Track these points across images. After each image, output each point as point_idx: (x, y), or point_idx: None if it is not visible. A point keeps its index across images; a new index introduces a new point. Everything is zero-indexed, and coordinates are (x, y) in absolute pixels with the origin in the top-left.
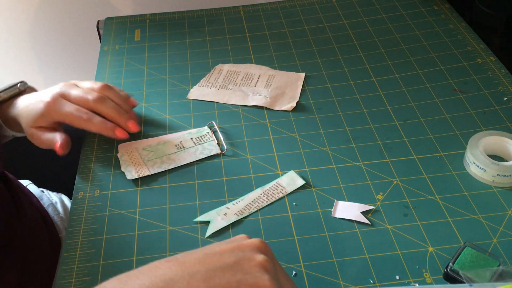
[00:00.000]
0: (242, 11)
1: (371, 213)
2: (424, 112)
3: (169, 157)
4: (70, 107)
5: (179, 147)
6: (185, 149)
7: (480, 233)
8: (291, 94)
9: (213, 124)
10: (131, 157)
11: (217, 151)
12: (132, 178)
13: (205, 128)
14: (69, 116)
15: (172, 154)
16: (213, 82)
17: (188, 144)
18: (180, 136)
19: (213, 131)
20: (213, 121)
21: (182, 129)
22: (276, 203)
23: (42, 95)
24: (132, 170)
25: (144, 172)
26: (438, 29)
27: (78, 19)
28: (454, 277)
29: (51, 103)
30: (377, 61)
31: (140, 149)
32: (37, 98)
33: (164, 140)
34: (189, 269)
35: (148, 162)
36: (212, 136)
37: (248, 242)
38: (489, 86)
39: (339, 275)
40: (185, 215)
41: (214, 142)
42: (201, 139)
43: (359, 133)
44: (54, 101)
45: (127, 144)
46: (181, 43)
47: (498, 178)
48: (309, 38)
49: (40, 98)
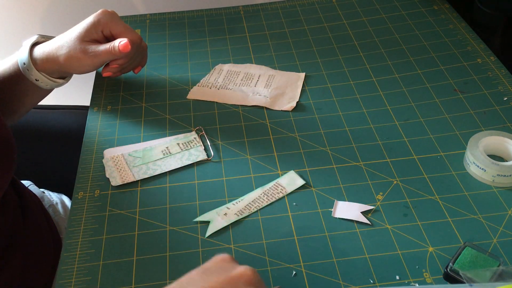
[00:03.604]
0: (242, 11)
1: (371, 213)
2: (424, 112)
3: (155, 163)
4: (122, 22)
5: (166, 152)
6: (172, 154)
7: (480, 233)
8: (291, 94)
9: (201, 130)
10: (117, 163)
11: (203, 156)
12: (116, 185)
13: (192, 133)
14: (122, 26)
15: (158, 160)
16: (213, 82)
17: (174, 150)
18: (166, 142)
19: (200, 137)
20: (201, 125)
21: (182, 129)
22: (276, 203)
23: (84, 20)
24: (117, 177)
25: (129, 178)
26: (438, 29)
27: (78, 19)
28: (454, 277)
29: (101, 13)
30: (377, 61)
31: (126, 155)
32: (80, 24)
33: (151, 146)
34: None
35: (133, 168)
36: (199, 141)
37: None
38: (489, 86)
39: (339, 275)
40: (185, 215)
41: (201, 147)
42: (188, 144)
43: (359, 133)
44: (104, 11)
45: (113, 149)
46: (181, 43)
47: (498, 178)
48: (309, 38)
49: (84, 19)
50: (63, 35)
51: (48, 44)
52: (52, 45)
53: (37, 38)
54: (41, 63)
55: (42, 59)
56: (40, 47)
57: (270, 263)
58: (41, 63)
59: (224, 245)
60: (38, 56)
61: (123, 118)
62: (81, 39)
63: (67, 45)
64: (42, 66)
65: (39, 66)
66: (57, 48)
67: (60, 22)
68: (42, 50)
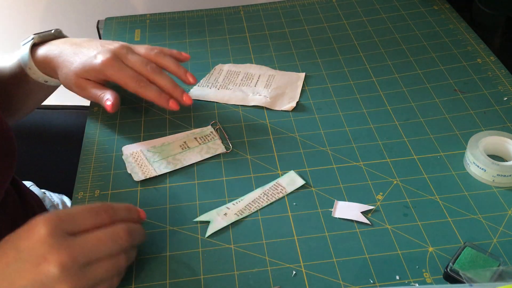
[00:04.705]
0: (242, 11)
1: (371, 213)
2: (424, 112)
3: (174, 157)
4: (127, 71)
5: (184, 147)
6: (190, 148)
7: (480, 233)
8: (291, 94)
9: (216, 123)
10: (137, 158)
11: (222, 150)
12: (139, 180)
13: (208, 127)
14: (125, 79)
15: (177, 155)
16: (213, 82)
17: (193, 144)
18: (184, 136)
19: (217, 130)
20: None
21: (183, 129)
22: (276, 203)
23: (96, 49)
24: (139, 172)
25: (151, 173)
26: (438, 29)
27: (78, 19)
28: (454, 277)
29: (109, 62)
30: (377, 61)
31: (145, 151)
32: (90, 51)
33: (169, 141)
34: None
35: (154, 163)
36: (216, 135)
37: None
38: (489, 86)
39: (339, 275)
40: (185, 215)
41: (218, 141)
42: (205, 138)
43: (359, 133)
44: (112, 60)
45: (131, 146)
46: (181, 43)
47: (498, 178)
48: (309, 38)
49: (94, 52)
50: (68, 51)
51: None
52: (54, 58)
53: (34, 39)
54: (44, 70)
55: (45, 67)
56: (43, 55)
57: (270, 263)
58: (44, 71)
59: (224, 245)
60: (41, 62)
61: (123, 118)
62: (79, 75)
63: (66, 70)
64: (46, 71)
65: (43, 70)
66: (58, 66)
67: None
68: (44, 57)
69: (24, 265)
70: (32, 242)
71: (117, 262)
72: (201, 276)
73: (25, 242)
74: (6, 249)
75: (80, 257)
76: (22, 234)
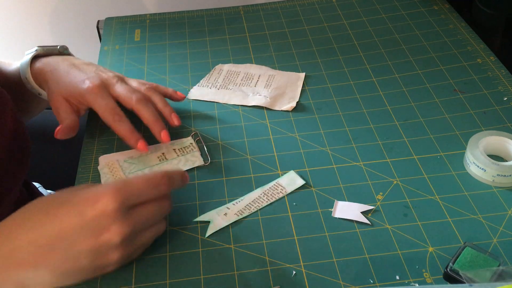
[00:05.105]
0: (242, 11)
1: (371, 213)
2: (424, 112)
3: (151, 169)
4: (108, 101)
5: (162, 158)
6: (168, 160)
7: (480, 233)
8: (291, 94)
9: (197, 135)
10: (112, 169)
11: (200, 162)
12: None
13: (188, 138)
14: (101, 109)
15: (154, 166)
16: (213, 82)
17: (171, 156)
18: (162, 148)
19: (197, 142)
20: (197, 131)
21: (182, 129)
22: (276, 203)
23: (89, 73)
24: None
25: None
26: (438, 29)
27: (78, 19)
28: (454, 277)
29: (93, 90)
30: (377, 61)
31: (121, 161)
32: (82, 75)
33: (147, 152)
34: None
35: (129, 175)
36: (195, 147)
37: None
38: (489, 86)
39: (339, 275)
40: (185, 215)
41: (197, 153)
42: (184, 150)
43: (359, 133)
44: (98, 88)
45: (109, 155)
46: (181, 43)
47: (498, 178)
48: (309, 38)
49: (85, 76)
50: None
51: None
52: (47, 72)
53: (37, 51)
54: (38, 82)
55: (39, 79)
56: (39, 68)
57: (270, 263)
58: (38, 83)
59: (224, 245)
60: (36, 74)
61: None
62: (61, 94)
63: (52, 87)
64: (39, 84)
65: (37, 82)
66: (47, 81)
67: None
68: (40, 69)
69: (87, 232)
70: (98, 212)
71: (159, 229)
72: (201, 276)
73: (91, 211)
74: (70, 211)
75: (137, 227)
76: (87, 201)
